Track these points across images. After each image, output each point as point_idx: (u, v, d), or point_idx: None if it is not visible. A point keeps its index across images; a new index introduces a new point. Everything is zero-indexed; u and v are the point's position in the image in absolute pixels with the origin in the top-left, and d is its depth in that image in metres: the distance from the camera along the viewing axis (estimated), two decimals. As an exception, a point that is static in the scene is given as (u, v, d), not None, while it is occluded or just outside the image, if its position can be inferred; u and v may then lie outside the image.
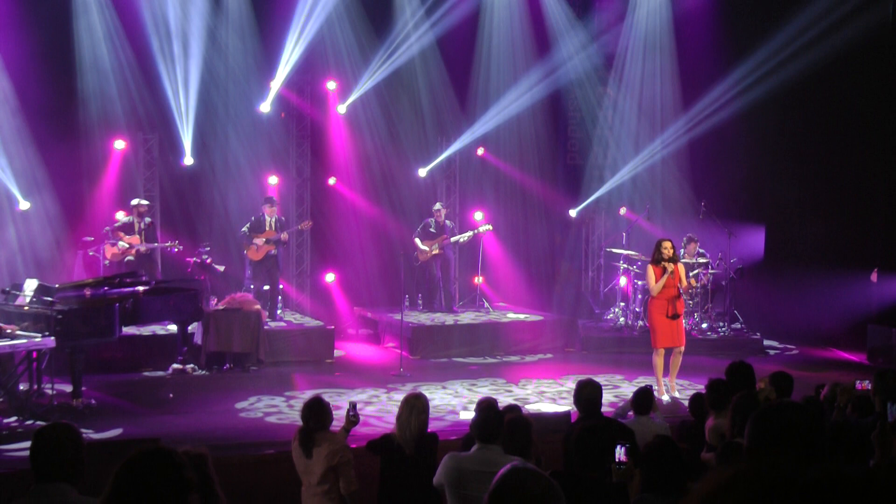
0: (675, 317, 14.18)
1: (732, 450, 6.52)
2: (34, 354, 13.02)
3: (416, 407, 8.25)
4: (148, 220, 17.75)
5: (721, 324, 18.78)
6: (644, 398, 9.25)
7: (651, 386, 10.40)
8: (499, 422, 7.35)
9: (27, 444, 11.07)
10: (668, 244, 14.22)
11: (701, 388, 13.91)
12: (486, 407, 7.64)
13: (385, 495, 8.28)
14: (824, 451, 4.51)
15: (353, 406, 8.50)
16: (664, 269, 14.06)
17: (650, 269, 14.25)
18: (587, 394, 8.34)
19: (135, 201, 17.71)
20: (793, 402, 4.91)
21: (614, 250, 19.72)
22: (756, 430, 4.33)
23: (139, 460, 4.23)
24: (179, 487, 4.22)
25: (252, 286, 18.23)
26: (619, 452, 6.46)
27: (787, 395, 9.19)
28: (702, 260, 18.53)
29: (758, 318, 19.22)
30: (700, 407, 9.19)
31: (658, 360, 14.25)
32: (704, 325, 18.58)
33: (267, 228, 18.01)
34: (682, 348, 14.40)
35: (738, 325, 19.07)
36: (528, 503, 3.91)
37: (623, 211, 21.18)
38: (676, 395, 14.27)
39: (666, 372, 14.40)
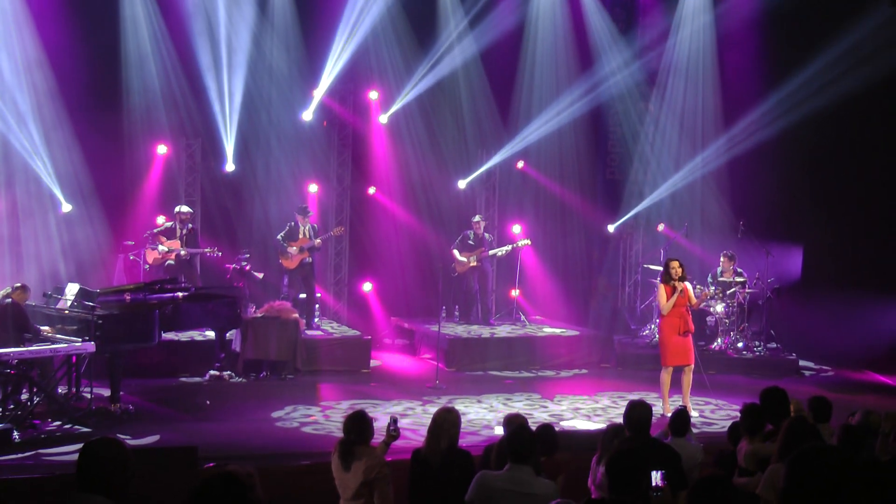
0: (686, 333, 14.34)
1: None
2: (73, 358, 13.12)
3: (447, 421, 8.28)
4: (190, 226, 17.89)
5: (757, 343, 18.65)
6: (680, 420, 9.22)
7: (685, 407, 10.40)
8: (531, 441, 7.39)
9: (66, 448, 11.37)
10: (675, 264, 14.41)
11: (736, 408, 13.95)
12: (519, 426, 7.67)
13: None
14: (860, 489, 4.52)
15: (394, 420, 8.49)
16: (674, 289, 14.19)
17: (661, 288, 14.46)
18: (637, 414, 8.28)
19: (178, 208, 17.85)
20: (831, 447, 4.89)
21: (652, 267, 19.67)
22: (793, 474, 4.37)
23: (210, 485, 4.32)
24: None
25: (288, 294, 18.31)
26: (656, 478, 6.42)
27: (825, 421, 9.11)
28: (739, 279, 18.48)
29: (794, 339, 19.11)
30: (739, 436, 9.11)
31: (666, 378, 14.39)
32: (740, 345, 18.47)
33: (301, 236, 18.10)
34: (692, 366, 14.47)
35: (773, 345, 18.98)
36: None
37: (661, 227, 21.15)
38: (695, 414, 14.18)
39: (678, 390, 14.48)
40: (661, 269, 18.38)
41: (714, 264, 18.99)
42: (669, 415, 13.71)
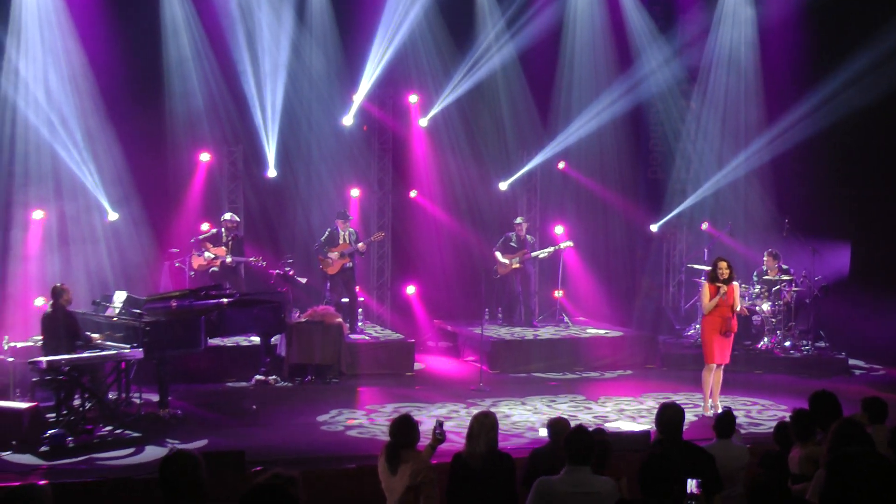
0: (728, 334, 14.27)
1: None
2: (122, 365, 13.28)
3: (485, 425, 8.28)
4: (236, 234, 18.00)
5: (804, 342, 18.48)
6: (726, 422, 9.16)
7: (731, 408, 10.33)
8: (590, 443, 7.39)
9: (118, 452, 11.56)
10: (723, 264, 14.31)
11: (783, 408, 13.90)
12: (578, 429, 7.65)
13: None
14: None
15: (439, 424, 8.50)
16: (718, 289, 14.12)
17: (705, 286, 14.44)
18: (668, 417, 8.21)
19: (226, 216, 17.98)
20: (873, 452, 4.81)
21: (696, 266, 19.58)
22: (833, 478, 4.33)
23: (257, 495, 4.42)
24: None
25: (331, 299, 18.36)
26: (691, 485, 6.43)
27: (880, 422, 8.90)
28: (785, 277, 18.35)
29: (843, 337, 18.83)
30: (785, 436, 9.00)
31: (708, 376, 14.34)
32: (787, 344, 18.29)
33: (341, 242, 18.15)
34: (724, 365, 14.43)
35: (821, 344, 18.74)
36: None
37: (705, 226, 21.05)
38: (740, 414, 14.11)
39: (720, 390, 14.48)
40: (705, 268, 18.41)
41: (759, 263, 18.87)
42: (711, 413, 13.80)
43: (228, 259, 17.70)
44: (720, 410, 13.82)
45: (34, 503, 5.63)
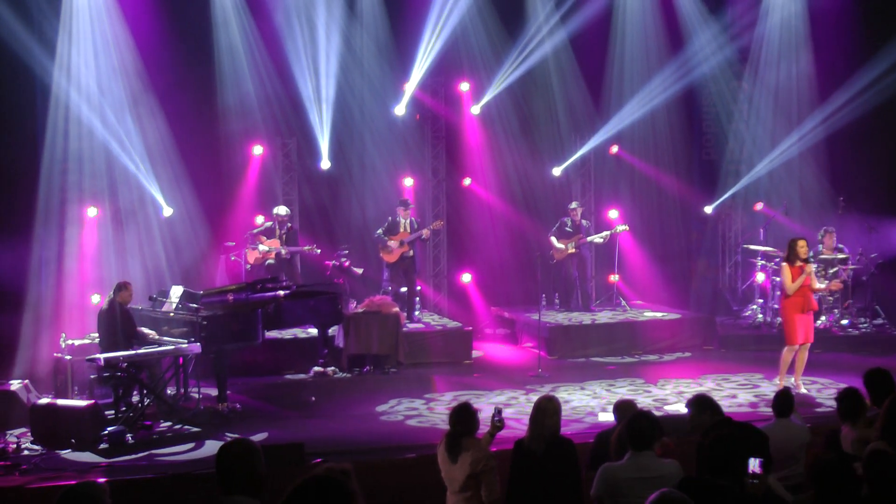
0: (809, 311, 14.23)
1: (881, 458, 6.32)
2: (181, 360, 13.40)
3: (547, 409, 8.29)
4: (289, 225, 18.08)
5: (862, 320, 18.36)
6: (784, 400, 9.11)
7: (790, 388, 10.28)
8: (651, 428, 7.35)
9: (177, 447, 11.64)
10: (802, 243, 14.21)
11: (843, 387, 13.76)
12: (638, 415, 7.62)
13: (514, 498, 8.32)
14: None
15: (498, 411, 8.51)
16: (800, 269, 14.04)
17: (786, 267, 14.24)
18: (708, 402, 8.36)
19: (276, 209, 18.04)
20: None
21: (752, 247, 19.44)
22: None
23: (310, 488, 4.38)
24: None
25: (390, 288, 18.40)
26: (753, 465, 6.39)
27: None
28: (841, 256, 18.19)
29: (901, 314, 18.68)
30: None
31: (788, 356, 14.29)
32: (845, 322, 18.18)
33: (401, 230, 18.18)
34: (809, 344, 14.34)
35: (880, 321, 18.59)
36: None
37: (760, 206, 20.87)
38: (804, 391, 14.23)
39: (792, 369, 14.38)
40: (761, 248, 18.31)
41: (815, 242, 18.69)
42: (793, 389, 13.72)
43: (283, 251, 17.78)
44: (802, 390, 13.90)
45: (91, 501, 5.63)
